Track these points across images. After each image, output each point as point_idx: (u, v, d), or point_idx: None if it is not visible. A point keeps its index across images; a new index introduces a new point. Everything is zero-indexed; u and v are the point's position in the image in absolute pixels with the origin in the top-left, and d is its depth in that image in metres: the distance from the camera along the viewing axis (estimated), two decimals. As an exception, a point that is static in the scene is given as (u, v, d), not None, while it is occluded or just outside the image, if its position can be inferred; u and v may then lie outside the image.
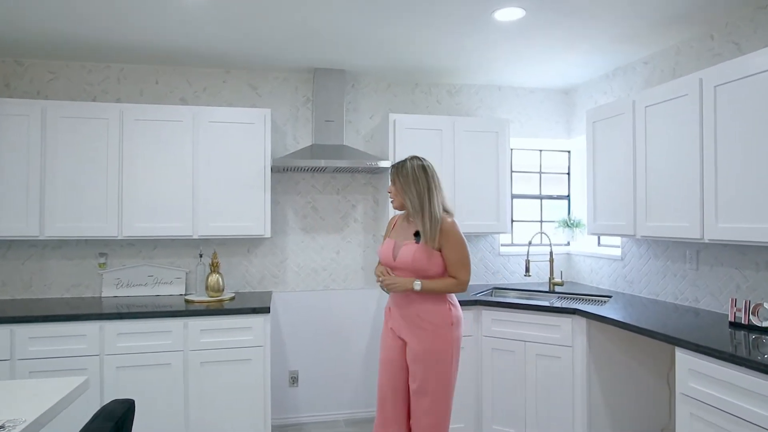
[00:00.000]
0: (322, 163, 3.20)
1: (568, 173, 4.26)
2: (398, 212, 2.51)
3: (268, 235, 3.28)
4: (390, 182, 2.39)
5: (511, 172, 4.13)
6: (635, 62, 3.36)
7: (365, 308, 3.72)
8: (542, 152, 4.24)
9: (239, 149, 3.23)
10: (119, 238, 3.10)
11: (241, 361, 2.92)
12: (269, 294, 3.46)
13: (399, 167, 2.35)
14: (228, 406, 2.90)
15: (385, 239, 2.47)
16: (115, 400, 1.34)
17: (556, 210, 4.25)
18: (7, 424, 1.26)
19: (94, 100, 3.39)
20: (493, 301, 3.19)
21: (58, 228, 3.03)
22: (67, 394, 1.48)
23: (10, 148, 2.98)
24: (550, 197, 4.26)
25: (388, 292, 2.35)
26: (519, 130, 4.03)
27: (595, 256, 3.78)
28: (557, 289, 3.62)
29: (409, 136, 3.45)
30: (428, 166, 2.33)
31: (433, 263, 2.24)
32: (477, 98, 3.96)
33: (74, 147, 3.04)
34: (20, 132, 2.99)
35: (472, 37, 2.95)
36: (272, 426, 3.32)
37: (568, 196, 4.25)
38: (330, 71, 3.53)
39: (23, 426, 1.26)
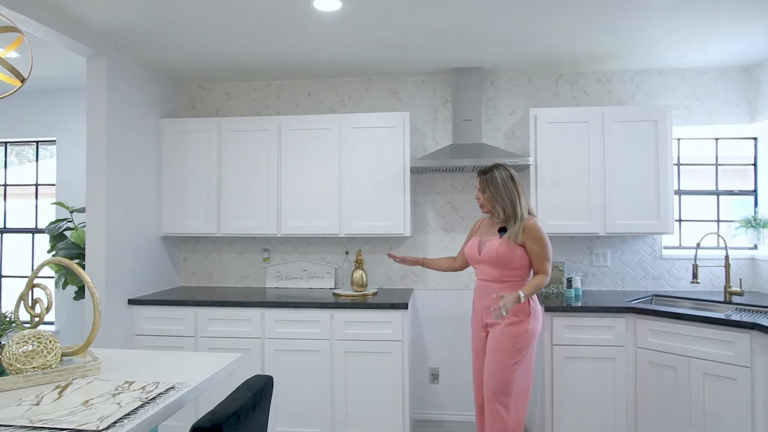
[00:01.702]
0: (459, 162, 3.21)
1: (755, 164, 3.62)
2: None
3: (407, 234, 3.39)
4: (479, 190, 2.58)
5: (678, 165, 3.68)
6: (844, 24, 2.73)
7: (506, 310, 3.61)
8: (718, 141, 3.68)
9: (380, 152, 3.40)
10: (278, 235, 3.49)
11: (382, 353, 3.06)
12: (410, 291, 3.57)
13: (489, 178, 2.55)
14: (369, 394, 3.06)
15: (469, 238, 2.72)
16: (257, 375, 1.52)
17: (739, 207, 3.65)
18: (177, 385, 1.52)
19: (258, 115, 3.86)
20: (651, 309, 2.86)
21: (231, 227, 3.51)
22: (223, 367, 1.72)
23: (195, 159, 3.55)
24: (730, 193, 3.67)
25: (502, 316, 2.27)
26: (687, 116, 3.55)
27: (789, 262, 3.16)
28: (735, 299, 3.10)
29: (551, 131, 3.27)
30: (514, 174, 2.55)
31: (515, 256, 2.45)
32: (632, 85, 3.59)
33: (242, 156, 3.51)
34: (202, 146, 3.54)
35: (621, 17, 2.70)
36: (413, 420, 3.42)
37: (755, 191, 3.62)
38: (467, 70, 3.52)
39: (189, 389, 1.51)
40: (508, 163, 3.14)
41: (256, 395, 1.40)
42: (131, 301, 3.24)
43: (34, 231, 4.25)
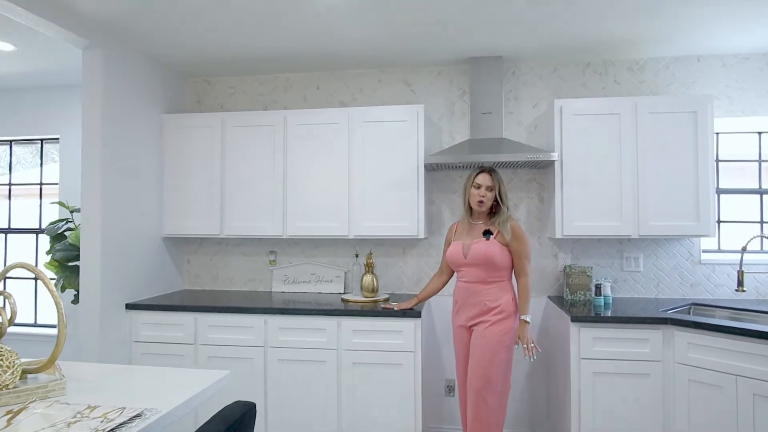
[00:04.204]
0: (477, 158, 2.96)
1: (804, 160, 3.29)
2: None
3: (421, 235, 3.15)
4: (488, 189, 2.57)
5: (717, 161, 3.37)
6: None
7: (528, 318, 3.34)
8: (762, 135, 3.35)
9: (392, 148, 3.17)
10: (284, 237, 3.28)
11: (392, 365, 2.83)
12: (424, 297, 3.33)
13: (499, 176, 2.61)
14: (378, 408, 2.84)
15: (448, 244, 2.74)
16: (237, 402, 1.31)
17: (784, 208, 3.33)
18: (145, 412, 1.32)
19: (265, 109, 3.67)
20: (692, 320, 2.57)
21: (235, 227, 3.33)
22: (204, 389, 1.51)
23: (198, 156, 3.37)
24: (776, 191, 3.35)
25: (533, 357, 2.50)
26: (728, 108, 3.23)
27: None
28: (787, 309, 2.79)
29: (578, 124, 3.00)
30: None
31: (503, 256, 2.54)
32: (668, 73, 3.29)
33: (246, 153, 3.32)
34: (205, 142, 3.36)
35: (658, -4, 2.42)
36: (426, 435, 3.19)
37: (804, 189, 3.29)
38: (486, 59, 3.26)
39: (157, 417, 1.30)
40: (531, 159, 2.92)
41: (232, 427, 1.18)
42: (129, 306, 3.07)
43: (38, 231, 4.14)
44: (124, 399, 1.42)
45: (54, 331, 3.97)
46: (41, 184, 4.20)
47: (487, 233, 2.57)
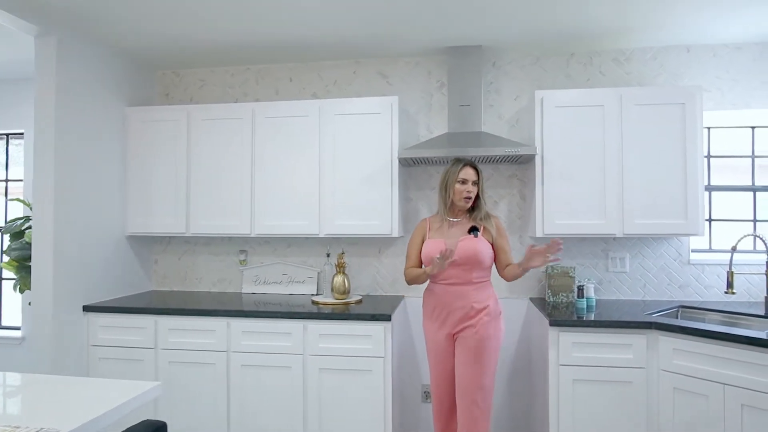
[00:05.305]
0: (454, 153, 2.80)
1: (798, 155, 3.14)
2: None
3: (395, 234, 2.99)
4: (474, 183, 2.45)
5: (708, 156, 3.22)
6: None
7: (510, 319, 3.18)
8: (755, 129, 3.20)
9: (365, 142, 3.01)
10: (252, 235, 3.12)
11: (360, 371, 2.67)
12: (400, 299, 3.18)
13: (480, 170, 2.48)
14: (346, 417, 2.68)
15: (422, 241, 2.52)
16: (144, 421, 1.15)
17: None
18: (40, 434, 1.16)
19: (236, 102, 3.51)
20: (678, 325, 2.41)
21: (201, 225, 3.17)
22: (121, 404, 1.35)
23: (163, 150, 3.21)
24: (769, 189, 3.20)
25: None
26: (719, 100, 3.08)
27: (843, 270, 2.67)
28: (779, 313, 2.63)
29: (560, 116, 2.84)
30: None
31: (491, 254, 2.44)
32: (656, 64, 3.13)
33: (212, 148, 3.16)
34: (171, 136, 3.20)
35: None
36: (401, 444, 3.03)
37: (799, 186, 3.13)
38: (466, 49, 3.10)
39: (53, 438, 1.14)
40: (510, 153, 2.76)
41: (129, 453, 1.03)
42: (86, 308, 2.91)
43: (2, 230, 3.97)
44: (27, 415, 1.27)
45: (16, 333, 3.81)
46: (7, 180, 4.04)
47: (474, 230, 2.41)
